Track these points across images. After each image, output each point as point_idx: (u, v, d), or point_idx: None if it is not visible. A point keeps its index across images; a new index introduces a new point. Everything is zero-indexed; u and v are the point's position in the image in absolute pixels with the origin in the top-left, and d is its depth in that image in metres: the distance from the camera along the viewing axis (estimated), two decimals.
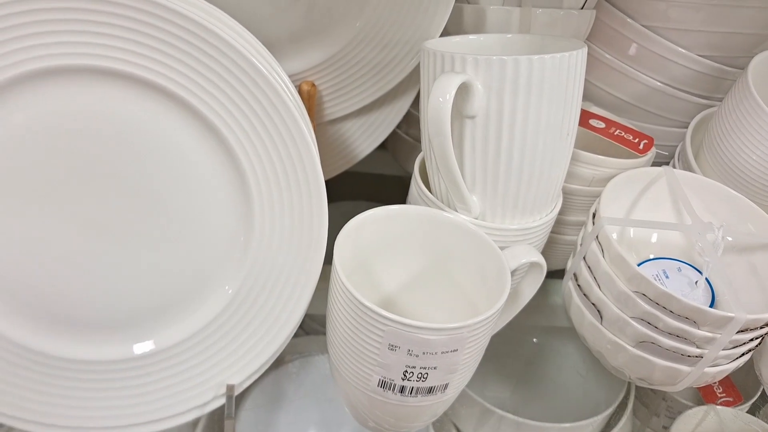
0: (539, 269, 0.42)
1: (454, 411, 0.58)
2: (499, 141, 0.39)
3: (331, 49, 0.46)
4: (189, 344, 0.37)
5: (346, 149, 0.52)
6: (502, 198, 0.41)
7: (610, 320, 0.43)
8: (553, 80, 0.37)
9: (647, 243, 0.50)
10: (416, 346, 0.35)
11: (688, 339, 0.41)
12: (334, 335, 0.38)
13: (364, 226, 0.40)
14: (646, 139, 0.51)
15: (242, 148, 0.35)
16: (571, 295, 0.47)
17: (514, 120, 0.38)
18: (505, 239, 0.42)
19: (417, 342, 0.34)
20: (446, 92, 0.35)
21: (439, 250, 0.43)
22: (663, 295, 0.40)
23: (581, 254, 0.46)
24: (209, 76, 0.34)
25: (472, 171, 0.40)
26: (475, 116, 0.38)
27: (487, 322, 0.36)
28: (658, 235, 0.49)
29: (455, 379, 0.38)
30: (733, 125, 0.49)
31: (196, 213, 0.36)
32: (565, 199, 0.49)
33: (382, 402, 0.38)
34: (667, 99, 0.57)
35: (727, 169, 0.50)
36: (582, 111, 0.54)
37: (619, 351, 0.44)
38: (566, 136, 0.40)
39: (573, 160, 0.48)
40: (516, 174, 0.40)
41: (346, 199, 0.60)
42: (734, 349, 0.42)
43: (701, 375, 0.43)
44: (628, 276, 0.41)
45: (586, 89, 0.59)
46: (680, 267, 0.49)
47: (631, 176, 0.48)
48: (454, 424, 0.59)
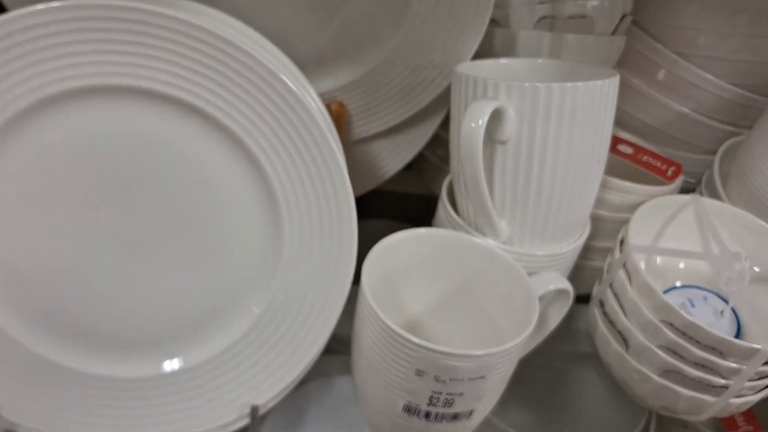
0: (566, 296, 0.42)
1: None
2: (529, 167, 0.39)
3: (361, 70, 0.46)
4: (216, 363, 0.38)
5: (372, 169, 0.53)
6: (531, 224, 0.41)
7: (636, 349, 0.43)
8: (585, 108, 0.37)
9: (674, 271, 0.49)
10: (444, 371, 0.35)
11: (714, 369, 0.41)
12: (360, 358, 0.38)
13: (392, 249, 0.40)
14: (674, 166, 0.51)
15: (273, 167, 0.36)
16: (597, 322, 0.47)
17: (545, 146, 0.38)
18: (532, 265, 0.42)
19: (445, 368, 0.34)
20: (479, 118, 0.36)
21: (466, 274, 0.43)
22: (690, 326, 0.40)
23: (608, 281, 0.45)
24: (242, 95, 0.34)
25: (501, 196, 0.40)
26: (506, 141, 0.38)
27: (515, 349, 0.36)
28: (684, 263, 0.49)
29: (480, 405, 0.38)
30: (761, 154, 0.49)
31: (227, 233, 0.37)
32: (592, 225, 0.49)
33: (407, 427, 0.38)
34: (695, 126, 0.57)
35: (755, 198, 0.50)
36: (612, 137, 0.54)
37: (644, 380, 0.43)
38: (597, 163, 0.40)
39: (603, 186, 0.48)
40: (546, 200, 0.40)
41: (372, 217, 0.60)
42: (760, 380, 0.42)
43: (726, 405, 0.42)
44: (655, 305, 0.41)
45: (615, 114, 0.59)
46: (706, 296, 0.48)
47: (659, 204, 0.47)
48: None
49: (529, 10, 0.47)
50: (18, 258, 0.35)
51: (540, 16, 0.48)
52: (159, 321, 0.37)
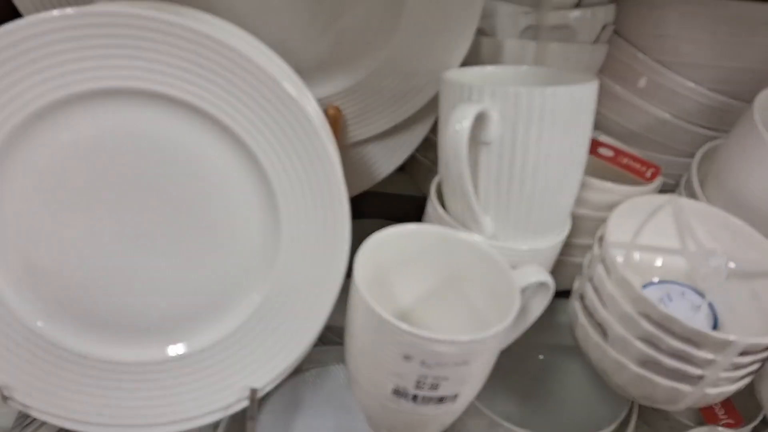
0: (547, 289, 0.45)
1: (462, 423, 0.60)
2: (512, 167, 0.41)
3: (356, 77, 0.49)
4: (218, 348, 0.40)
5: (367, 170, 0.55)
6: (514, 220, 0.43)
7: (615, 339, 0.45)
8: (565, 111, 0.40)
9: (652, 267, 0.52)
10: (430, 356, 0.37)
11: (690, 360, 0.43)
12: (352, 345, 0.41)
13: (383, 244, 0.43)
14: (654, 168, 0.53)
15: (273, 166, 0.38)
16: (577, 314, 0.49)
17: (527, 148, 0.40)
18: (516, 259, 0.44)
19: (431, 353, 0.37)
20: (464, 120, 0.38)
21: (453, 267, 0.45)
22: (665, 317, 0.42)
23: (587, 276, 0.48)
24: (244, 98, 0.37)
25: (486, 194, 0.43)
26: (490, 143, 0.41)
27: (497, 336, 0.38)
28: (663, 260, 0.51)
29: (465, 390, 0.40)
30: (737, 158, 0.51)
31: (228, 226, 0.39)
32: (573, 223, 0.52)
33: (396, 410, 0.41)
34: (675, 130, 0.59)
35: (733, 199, 0.52)
36: (592, 140, 0.57)
37: (622, 369, 0.46)
38: (576, 163, 0.43)
39: (582, 187, 0.50)
40: (527, 198, 0.42)
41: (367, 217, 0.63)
42: (735, 371, 0.44)
43: (702, 395, 0.45)
44: (632, 298, 0.44)
45: (596, 119, 0.62)
46: (684, 291, 0.51)
47: (638, 203, 0.50)
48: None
49: (514, 20, 0.50)
50: (35, 251, 0.38)
51: (525, 26, 0.50)
52: (164, 309, 0.40)
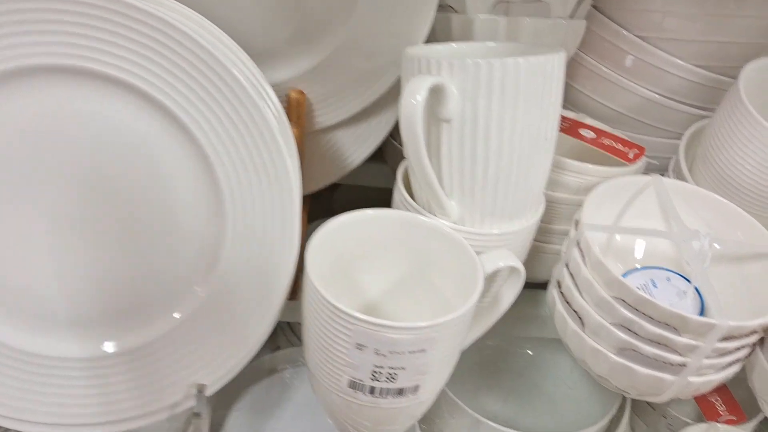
0: (518, 274, 0.42)
1: (444, 421, 0.57)
2: (474, 145, 0.39)
3: (317, 58, 0.47)
4: (160, 344, 0.38)
5: (337, 159, 0.53)
6: (481, 203, 0.41)
7: (592, 327, 0.43)
8: (529, 84, 0.38)
9: (636, 252, 0.49)
10: (383, 345, 0.35)
11: (670, 346, 0.40)
12: (307, 337, 0.39)
13: (340, 231, 0.41)
14: (637, 149, 0.51)
15: (214, 150, 0.37)
16: (555, 302, 0.46)
17: (489, 124, 0.38)
18: (484, 244, 0.42)
19: (383, 341, 0.35)
20: (417, 93, 0.36)
21: (418, 254, 0.43)
22: (641, 301, 0.40)
23: (564, 261, 0.45)
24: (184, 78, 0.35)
25: (449, 175, 0.40)
26: (450, 120, 0.38)
27: (455, 323, 0.36)
28: (646, 244, 0.49)
29: (426, 381, 0.38)
30: (725, 135, 0.49)
31: (170, 217, 0.37)
32: (551, 208, 0.49)
33: (355, 404, 0.38)
34: (663, 110, 0.56)
35: (721, 179, 0.50)
36: (574, 122, 0.54)
37: (601, 359, 0.43)
38: (544, 140, 0.40)
39: (558, 169, 0.48)
40: (493, 179, 0.40)
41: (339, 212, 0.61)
42: (720, 358, 0.41)
43: (686, 385, 0.42)
44: (607, 281, 0.41)
45: (581, 102, 0.59)
46: (669, 277, 0.48)
47: (618, 184, 0.47)
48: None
49: None
50: None
51: (495, 1, 0.48)
52: (102, 301, 0.38)
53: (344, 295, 0.44)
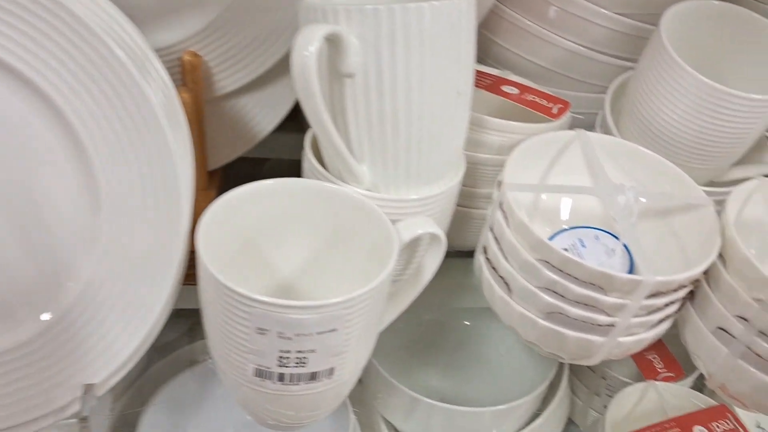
0: (438, 242, 0.39)
1: (382, 402, 0.55)
2: (381, 102, 0.35)
3: (211, 14, 0.42)
4: (39, 343, 0.34)
5: (243, 128, 0.49)
6: (393, 166, 0.38)
7: (518, 292, 0.41)
8: (435, 32, 0.34)
9: (563, 212, 0.47)
10: (287, 327, 0.32)
11: (597, 307, 0.38)
12: (207, 323, 0.35)
13: (239, 205, 0.37)
14: (561, 104, 0.48)
15: (79, 118, 0.32)
16: (482, 268, 0.44)
17: (395, 77, 0.35)
18: (401, 211, 0.39)
19: (286, 323, 0.31)
20: (309, 44, 0.32)
21: (331, 226, 0.40)
22: (565, 261, 0.37)
23: (488, 225, 0.43)
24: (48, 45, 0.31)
25: (358, 137, 0.37)
26: (353, 74, 0.35)
27: (367, 298, 0.33)
28: (574, 202, 0.47)
29: (342, 362, 0.35)
30: (650, 84, 0.47)
31: (38, 201, 0.33)
32: (475, 170, 0.47)
33: (266, 394, 0.35)
34: (588, 63, 0.54)
35: (647, 131, 0.48)
36: (497, 78, 0.51)
37: (529, 324, 0.41)
38: (457, 95, 0.37)
39: (478, 127, 0.45)
40: (405, 138, 0.37)
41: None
42: (649, 316, 0.40)
43: (616, 345, 0.40)
44: (531, 244, 0.39)
45: (505, 58, 0.56)
46: (598, 235, 0.46)
47: (542, 141, 0.45)
48: (383, 416, 0.56)
49: None
50: None
51: None
52: None
53: (252, 274, 0.40)
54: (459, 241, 0.52)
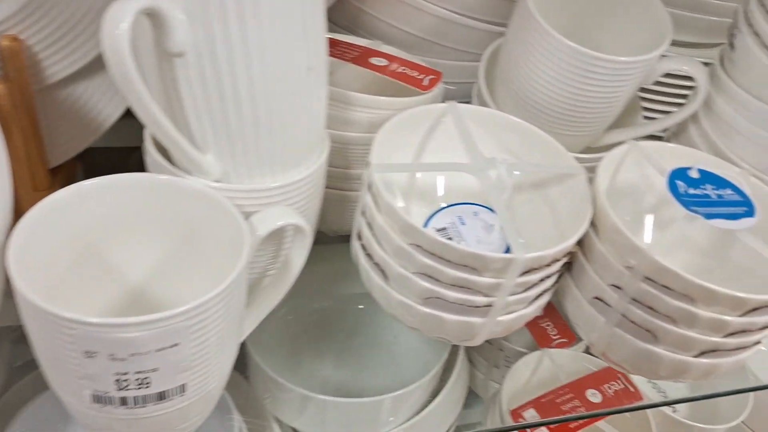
0: (302, 233, 0.36)
1: (272, 402, 0.52)
2: (219, 82, 0.32)
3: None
4: None
5: (86, 117, 0.43)
6: (243, 153, 0.34)
7: (395, 279, 0.38)
8: (273, 2, 0.31)
9: (440, 190, 0.45)
10: (118, 348, 0.28)
11: (473, 288, 0.37)
12: (33, 347, 0.31)
13: (69, 208, 0.32)
14: (433, 74, 0.46)
15: None
16: (358, 255, 0.41)
17: (231, 54, 0.31)
18: (259, 202, 0.35)
19: (116, 343, 0.27)
20: (121, 21, 0.28)
21: (182, 223, 0.36)
22: (436, 244, 0.35)
23: (360, 209, 0.40)
24: None
25: (198, 124, 0.33)
26: (183, 53, 0.31)
27: (213, 305, 0.29)
28: (451, 179, 0.45)
29: (196, 376, 0.31)
30: (519, 51, 0.45)
31: None
32: (346, 150, 0.44)
33: (114, 419, 0.31)
34: (462, 30, 0.52)
35: (521, 100, 0.47)
36: (365, 50, 0.48)
37: (408, 311, 0.39)
38: (307, 71, 0.34)
39: (344, 104, 0.42)
40: (250, 121, 0.33)
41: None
42: (526, 292, 0.39)
43: (496, 324, 0.39)
44: (402, 228, 0.36)
45: (376, 27, 0.53)
46: (477, 211, 0.45)
47: (413, 116, 0.42)
48: (275, 416, 0.53)
49: None
50: None
51: None
52: None
53: (95, 285, 0.36)
54: (339, 225, 0.49)
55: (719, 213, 0.39)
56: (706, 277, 0.39)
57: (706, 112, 0.47)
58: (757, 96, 0.43)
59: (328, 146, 0.39)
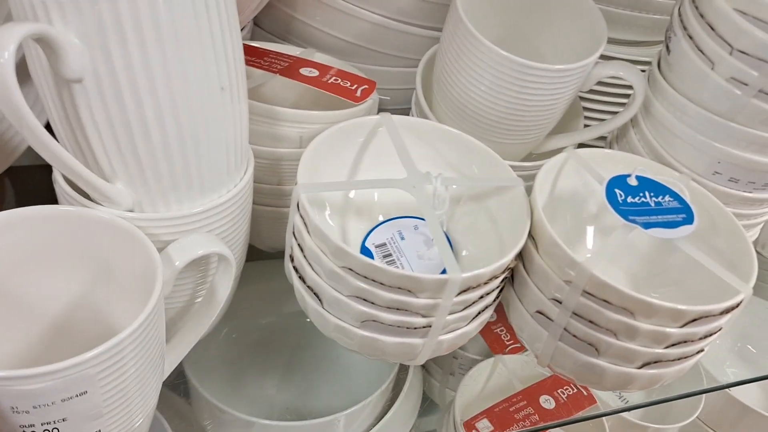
0: (225, 260, 0.34)
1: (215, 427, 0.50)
2: (123, 108, 0.29)
3: None
4: None
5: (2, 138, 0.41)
6: (155, 179, 0.32)
7: (329, 302, 0.37)
8: (175, 22, 0.29)
9: (379, 204, 0.44)
10: (18, 400, 0.26)
11: (410, 310, 0.35)
12: None
13: None
14: (366, 84, 0.44)
15: None
16: (292, 277, 0.40)
17: (133, 77, 0.29)
18: (177, 230, 0.34)
19: (15, 396, 0.25)
20: (4, 50, 0.25)
21: (95, 257, 0.33)
22: (370, 268, 0.34)
23: (290, 230, 0.39)
24: None
25: (104, 151, 0.31)
26: (80, 79, 0.29)
27: (122, 348, 0.27)
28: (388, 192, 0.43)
29: (111, 421, 0.29)
30: (452, 60, 0.44)
31: None
32: (278, 167, 0.42)
33: None
34: (397, 36, 0.51)
35: (457, 109, 0.45)
36: (296, 60, 0.46)
37: (345, 334, 0.37)
38: (220, 91, 0.32)
39: (272, 119, 0.40)
40: (160, 146, 0.31)
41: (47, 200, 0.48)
42: (466, 310, 0.37)
43: (438, 344, 0.38)
44: (332, 250, 0.35)
45: (310, 35, 0.51)
46: (417, 224, 0.43)
47: (344, 130, 0.41)
48: None
49: None
50: None
51: None
52: None
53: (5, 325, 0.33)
54: (274, 242, 0.47)
55: (658, 222, 0.38)
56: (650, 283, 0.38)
57: (645, 116, 0.47)
58: (693, 100, 0.42)
59: (252, 166, 0.37)
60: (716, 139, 0.43)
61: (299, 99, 0.47)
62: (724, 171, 0.43)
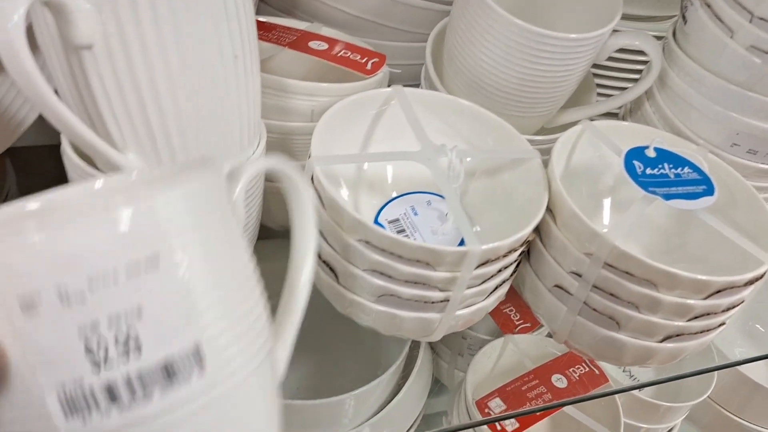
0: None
1: None
2: (134, 76, 0.28)
3: None
4: None
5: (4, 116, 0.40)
6: (167, 148, 0.31)
7: (345, 277, 0.36)
8: None
9: (390, 179, 0.43)
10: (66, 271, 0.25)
11: (428, 284, 0.35)
12: None
13: None
14: (376, 57, 0.43)
15: None
16: None
17: (144, 44, 0.28)
18: None
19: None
20: (13, 13, 0.24)
21: None
22: (387, 240, 0.33)
23: None
24: None
25: (115, 121, 0.30)
26: (90, 45, 0.28)
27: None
28: (402, 167, 0.42)
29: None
30: (465, 31, 0.43)
31: None
32: (288, 141, 0.41)
33: None
34: (405, 9, 0.49)
35: (470, 81, 0.44)
36: (303, 33, 0.45)
37: (362, 310, 0.37)
38: (233, 59, 0.31)
39: (281, 92, 0.39)
40: (172, 116, 0.30)
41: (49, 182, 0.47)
42: (484, 284, 0.37)
43: (455, 319, 0.37)
44: (349, 224, 0.34)
45: (316, 9, 0.50)
46: (430, 200, 0.43)
47: (356, 103, 0.40)
48: None
49: None
50: None
51: None
52: None
53: None
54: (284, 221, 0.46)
55: (678, 193, 0.38)
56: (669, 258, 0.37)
57: (661, 88, 0.46)
58: (710, 69, 0.42)
59: (265, 140, 0.36)
60: (734, 110, 0.42)
61: (308, 73, 0.46)
62: (742, 142, 0.42)
